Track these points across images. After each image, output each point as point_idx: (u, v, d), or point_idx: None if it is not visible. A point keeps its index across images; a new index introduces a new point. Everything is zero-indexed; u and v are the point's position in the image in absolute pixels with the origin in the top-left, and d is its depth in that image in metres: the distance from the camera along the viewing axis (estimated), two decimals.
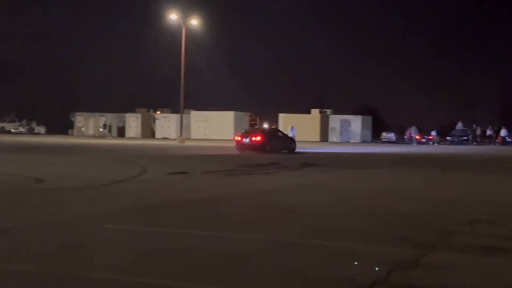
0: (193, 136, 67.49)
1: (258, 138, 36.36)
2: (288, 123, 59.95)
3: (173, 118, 68.18)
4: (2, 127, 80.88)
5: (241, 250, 7.71)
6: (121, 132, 73.20)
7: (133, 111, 74.80)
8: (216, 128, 67.91)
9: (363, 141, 65.08)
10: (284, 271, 6.69)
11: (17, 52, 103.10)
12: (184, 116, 59.06)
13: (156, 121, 72.20)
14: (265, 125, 51.14)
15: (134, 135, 71.22)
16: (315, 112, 68.24)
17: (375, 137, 68.94)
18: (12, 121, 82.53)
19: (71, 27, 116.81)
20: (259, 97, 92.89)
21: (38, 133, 79.66)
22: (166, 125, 70.38)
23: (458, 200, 13.81)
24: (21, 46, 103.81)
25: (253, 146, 35.77)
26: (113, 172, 19.85)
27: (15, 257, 7.12)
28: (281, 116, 67.74)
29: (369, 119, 69.83)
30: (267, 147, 35.69)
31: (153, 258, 7.19)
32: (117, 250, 7.64)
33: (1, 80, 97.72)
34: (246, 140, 36.07)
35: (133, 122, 73.20)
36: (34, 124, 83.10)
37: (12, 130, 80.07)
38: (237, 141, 36.72)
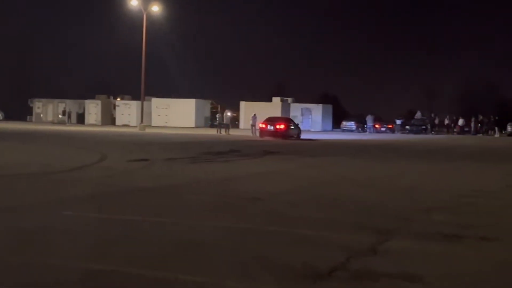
0: (154, 123, 67.14)
1: (282, 126, 41.68)
2: (250, 111, 59.97)
3: (134, 105, 67.72)
4: None
5: (201, 237, 7.71)
6: (81, 119, 72.45)
7: (93, 97, 74.05)
8: (177, 116, 67.65)
9: (324, 130, 65.54)
10: (244, 257, 6.71)
11: None
12: (145, 103, 58.66)
13: (117, 108, 71.61)
14: (228, 113, 51.02)
15: (94, 122, 70.56)
16: (276, 100, 68.43)
17: (336, 125, 69.48)
18: None
19: (31, 11, 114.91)
20: (220, 85, 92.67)
21: None
22: (127, 112, 69.86)
23: (415, 188, 13.98)
24: None
25: (276, 133, 40.58)
26: (72, 158, 19.65)
27: None
28: (243, 104, 67.85)
29: (329, 107, 70.35)
30: (287, 134, 40.59)
31: (112, 245, 7.15)
32: (76, 237, 7.58)
33: None
34: (271, 128, 41.10)
35: (93, 109, 72.51)
36: None
37: None
38: (262, 128, 41.58)
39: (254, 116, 49.15)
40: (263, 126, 41.67)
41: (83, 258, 6.46)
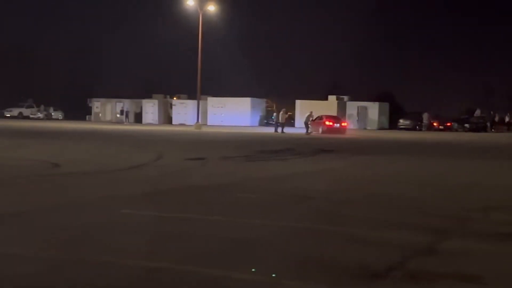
0: (209, 122, 67.51)
1: (345, 123, 48.74)
2: (305, 109, 59.75)
3: (190, 104, 68.26)
4: (20, 113, 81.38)
5: (255, 236, 7.73)
6: (138, 118, 73.41)
7: (150, 97, 74.98)
8: (232, 115, 67.90)
9: (380, 128, 64.82)
10: (298, 256, 6.70)
11: (36, 37, 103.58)
12: (201, 102, 59.11)
13: (173, 107, 72.31)
14: (282, 112, 50.96)
15: (151, 121, 71.40)
16: (332, 98, 68.00)
17: (393, 124, 68.61)
18: (30, 106, 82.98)
19: (88, 13, 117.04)
20: (276, 84, 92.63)
21: (56, 119, 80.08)
22: (183, 111, 70.45)
23: (472, 186, 13.73)
24: (40, 31, 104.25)
25: (340, 130, 46.43)
26: (130, 157, 19.93)
27: (31, 241, 7.18)
28: (298, 102, 67.61)
29: (386, 105, 69.49)
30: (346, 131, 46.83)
31: (168, 243, 7.23)
32: (133, 234, 7.68)
33: (20, 66, 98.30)
34: (337, 125, 47.00)
35: (150, 108, 73.37)
36: (51, 110, 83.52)
37: (30, 116, 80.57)
38: (329, 126, 46.54)
39: (310, 114, 48.99)
40: (330, 123, 46.56)
41: (140, 256, 6.55)
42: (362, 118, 65.94)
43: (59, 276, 5.79)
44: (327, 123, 46.97)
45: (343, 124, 47.95)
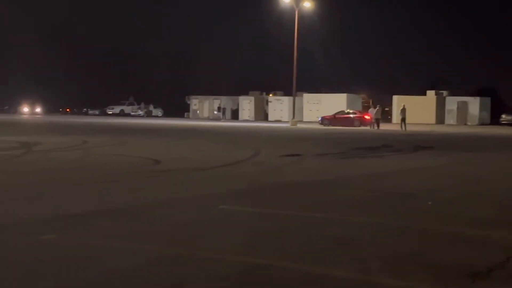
0: (305, 118, 67.50)
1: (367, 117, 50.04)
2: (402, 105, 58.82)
3: (286, 100, 68.49)
4: (122, 110, 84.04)
5: (352, 233, 7.68)
6: (235, 115, 74.28)
7: (246, 94, 75.74)
8: (328, 111, 67.57)
9: (481, 124, 62.91)
10: (397, 254, 6.62)
11: (136, 37, 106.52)
12: (297, 98, 59.19)
13: (269, 103, 72.75)
14: (377, 108, 50.30)
15: (247, 118, 72.10)
16: (431, 93, 66.55)
17: (495, 119, 66.38)
18: (131, 104, 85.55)
19: (186, 12, 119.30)
20: (372, 79, 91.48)
21: (156, 116, 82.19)
22: (279, 107, 70.77)
23: None
24: (139, 31, 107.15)
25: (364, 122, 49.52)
26: (227, 154, 20.20)
27: (133, 235, 7.40)
28: (395, 98, 66.54)
29: (487, 100, 67.33)
30: None
31: (266, 239, 7.29)
32: (230, 230, 7.79)
33: (121, 65, 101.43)
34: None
35: (246, 105, 74.10)
36: (151, 107, 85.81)
37: (131, 113, 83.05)
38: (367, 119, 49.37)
39: (403, 109, 47.95)
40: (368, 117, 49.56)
41: (236, 251, 6.63)
42: (462, 114, 64.18)
43: (161, 270, 5.94)
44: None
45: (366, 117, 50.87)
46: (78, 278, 5.60)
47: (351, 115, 52.25)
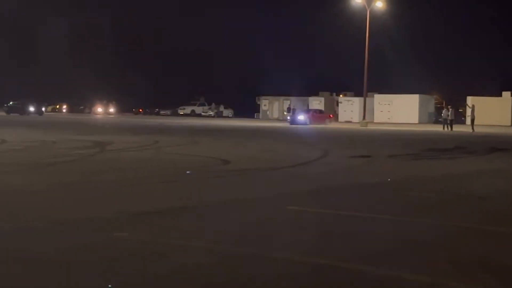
0: (376, 119, 66.88)
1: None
2: (477, 106, 57.57)
3: (356, 101, 68.01)
4: (193, 110, 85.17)
5: (421, 235, 7.56)
6: None
7: (316, 94, 75.54)
8: (400, 112, 66.78)
9: None
10: (464, 257, 6.48)
11: (207, 38, 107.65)
12: (368, 99, 58.70)
13: (339, 104, 72.38)
14: (451, 109, 49.34)
15: None
16: (506, 94, 64.84)
17: None
18: (202, 104, 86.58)
19: (257, 12, 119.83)
20: (446, 80, 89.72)
21: (226, 116, 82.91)
22: (349, 108, 70.35)
23: None
24: (210, 32, 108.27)
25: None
26: (297, 154, 20.18)
27: (202, 234, 7.47)
28: (469, 99, 65.09)
29: None
30: None
31: (334, 240, 7.25)
32: (298, 231, 7.77)
33: (192, 65, 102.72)
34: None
35: (316, 106, 73.93)
36: (222, 108, 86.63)
37: (202, 113, 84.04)
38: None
39: (472, 109, 46.87)
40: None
41: (304, 252, 6.60)
42: None
43: (229, 269, 5.98)
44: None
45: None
46: (147, 274, 5.69)
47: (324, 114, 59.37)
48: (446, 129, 46.44)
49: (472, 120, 45.72)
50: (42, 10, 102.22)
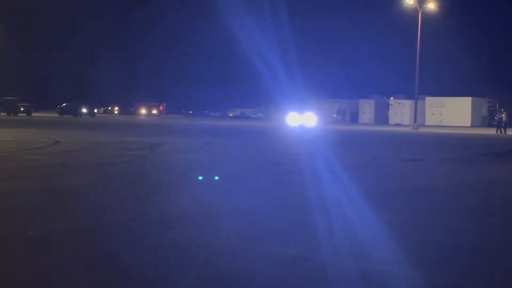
0: (427, 122, 66.08)
1: None
2: None
3: (407, 104, 67.32)
4: (242, 113, 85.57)
5: (473, 241, 7.43)
6: (354, 118, 73.77)
7: (367, 97, 75.04)
8: (452, 115, 65.87)
9: None
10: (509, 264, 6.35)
11: (256, 42, 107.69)
12: (419, 102, 58.03)
13: (390, 107, 71.74)
14: (505, 112, 48.43)
15: (367, 121, 71.41)
16: None
17: None
18: (251, 107, 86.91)
19: (307, 14, 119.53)
20: (499, 83, 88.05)
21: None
22: (400, 111, 69.66)
23: None
24: (257, 35, 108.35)
25: None
26: (345, 157, 20.05)
27: (250, 236, 7.47)
28: None
29: None
30: None
31: (380, 245, 7.17)
32: (346, 235, 7.69)
33: (241, 68, 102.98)
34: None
35: (366, 108, 73.44)
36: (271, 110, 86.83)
37: (252, 116, 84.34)
38: None
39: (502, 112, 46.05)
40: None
41: (355, 257, 6.54)
42: None
43: (282, 271, 5.97)
44: None
45: None
46: (198, 277, 5.72)
47: None
48: (500, 132, 45.61)
49: (498, 123, 45.16)
50: (98, 8, 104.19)
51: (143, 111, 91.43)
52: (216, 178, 12.87)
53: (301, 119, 46.92)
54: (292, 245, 7.03)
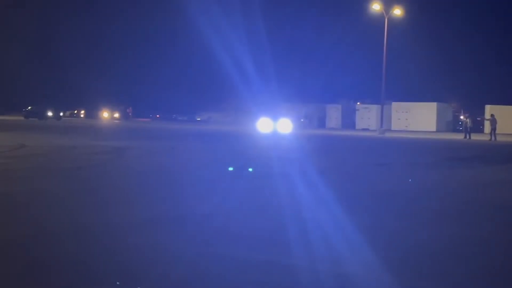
0: (393, 127, 66.67)
1: None
2: (495, 115, 57.20)
3: (374, 109, 67.83)
4: (210, 117, 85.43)
5: (439, 245, 7.46)
6: (321, 123, 74.09)
7: (334, 102, 75.45)
8: (418, 120, 66.55)
9: None
10: (484, 268, 6.38)
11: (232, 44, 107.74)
12: (385, 107, 58.52)
13: (357, 112, 72.22)
14: (469, 117, 49.09)
15: (334, 126, 71.78)
16: None
17: None
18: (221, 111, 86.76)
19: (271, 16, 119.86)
20: (463, 88, 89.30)
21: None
22: (367, 116, 70.18)
23: None
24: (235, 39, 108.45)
25: None
26: (314, 163, 20.09)
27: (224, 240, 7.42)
28: (488, 107, 64.73)
29: None
30: None
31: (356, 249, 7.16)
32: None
33: (210, 72, 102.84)
34: None
35: (333, 113, 73.82)
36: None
37: (220, 120, 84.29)
38: None
39: (493, 118, 46.69)
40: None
41: (326, 262, 6.53)
42: None
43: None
44: None
45: None
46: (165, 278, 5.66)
47: None
48: (466, 137, 46.18)
49: (494, 129, 45.60)
50: (60, 13, 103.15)
51: (110, 114, 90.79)
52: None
53: (274, 125, 46.51)
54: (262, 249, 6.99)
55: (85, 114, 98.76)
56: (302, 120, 75.22)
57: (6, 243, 6.93)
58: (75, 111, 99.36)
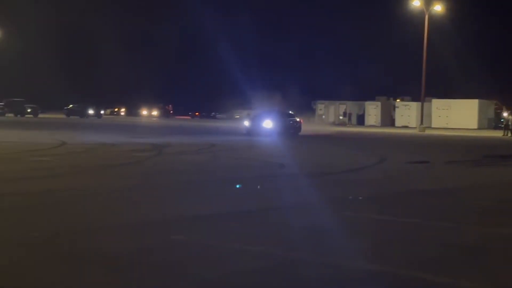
0: (434, 124, 65.89)
1: None
2: None
3: (414, 106, 67.16)
4: (248, 114, 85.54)
5: (482, 243, 7.41)
6: (361, 120, 73.65)
7: (373, 99, 74.89)
8: (458, 117, 65.65)
9: None
10: None
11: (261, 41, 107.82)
12: (425, 104, 57.91)
13: (396, 109, 71.57)
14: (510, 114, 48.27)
15: (374, 123, 71.28)
16: None
17: None
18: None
19: (316, 16, 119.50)
20: (507, 85, 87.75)
21: None
22: (406, 113, 69.49)
23: None
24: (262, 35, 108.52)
25: None
26: (353, 159, 20.04)
27: (257, 238, 7.47)
28: None
29: None
30: None
31: (390, 247, 7.16)
32: (353, 237, 7.70)
33: (249, 70, 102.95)
34: None
35: (372, 110, 73.29)
36: None
37: None
38: None
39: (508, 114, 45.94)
40: None
41: (360, 258, 6.53)
42: None
43: (283, 273, 5.97)
44: None
45: None
46: (203, 278, 5.73)
47: None
48: (507, 135, 45.42)
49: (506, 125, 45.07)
50: (105, 13, 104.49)
51: (149, 112, 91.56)
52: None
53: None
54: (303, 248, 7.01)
55: (126, 111, 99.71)
56: (341, 117, 74.92)
57: (95, 232, 7.09)
58: (116, 109, 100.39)
